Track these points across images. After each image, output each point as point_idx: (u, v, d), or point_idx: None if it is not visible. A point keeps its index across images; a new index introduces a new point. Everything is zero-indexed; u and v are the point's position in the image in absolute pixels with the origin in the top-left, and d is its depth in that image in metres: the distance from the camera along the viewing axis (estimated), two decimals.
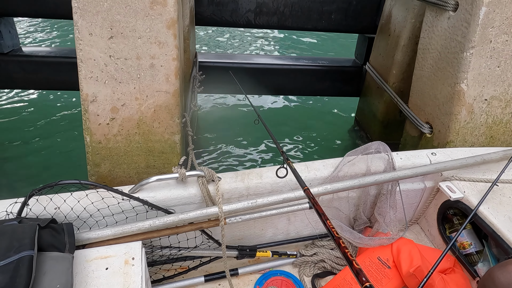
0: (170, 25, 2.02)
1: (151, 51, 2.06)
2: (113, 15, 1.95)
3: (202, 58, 4.01)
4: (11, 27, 3.73)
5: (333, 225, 1.87)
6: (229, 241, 1.95)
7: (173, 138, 2.31)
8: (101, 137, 2.20)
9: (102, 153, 2.25)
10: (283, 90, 4.50)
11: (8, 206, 1.46)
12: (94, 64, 2.03)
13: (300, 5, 3.72)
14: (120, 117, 2.18)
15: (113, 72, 2.06)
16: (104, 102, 2.13)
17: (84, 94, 2.09)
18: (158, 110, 2.20)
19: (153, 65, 2.09)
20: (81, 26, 1.95)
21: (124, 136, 2.23)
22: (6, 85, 4.07)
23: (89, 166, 2.29)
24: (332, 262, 2.00)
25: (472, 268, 1.82)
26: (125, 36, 2.01)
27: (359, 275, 0.83)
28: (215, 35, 7.96)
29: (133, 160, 2.32)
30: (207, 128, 4.22)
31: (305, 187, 1.31)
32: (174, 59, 2.10)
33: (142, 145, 2.29)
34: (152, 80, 2.13)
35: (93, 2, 1.92)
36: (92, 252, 1.40)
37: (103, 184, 1.54)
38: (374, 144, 1.98)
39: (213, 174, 1.74)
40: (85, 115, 2.15)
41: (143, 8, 1.96)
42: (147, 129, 2.25)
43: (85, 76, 2.05)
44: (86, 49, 2.00)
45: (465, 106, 2.44)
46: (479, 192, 1.87)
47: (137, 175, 2.37)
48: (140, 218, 1.63)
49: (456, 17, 2.40)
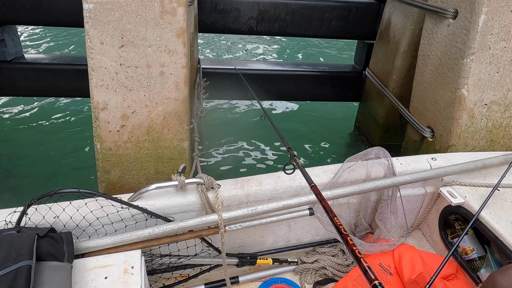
0: (179, 34, 2.05)
1: (161, 59, 2.09)
2: (124, 24, 1.99)
3: (204, 64, 4.03)
4: (14, 35, 3.77)
5: (334, 231, 1.87)
6: (229, 249, 1.94)
7: (182, 145, 2.33)
8: (111, 144, 2.23)
9: (112, 160, 2.27)
10: (284, 96, 4.53)
11: (7, 215, 1.46)
12: (105, 72, 2.06)
13: (301, 12, 3.77)
14: (130, 124, 2.21)
15: (124, 80, 2.10)
16: (115, 110, 2.16)
17: (95, 102, 2.12)
18: (167, 117, 2.23)
19: (163, 73, 2.12)
20: (93, 35, 1.98)
21: (134, 143, 2.26)
22: (10, 93, 4.11)
23: (99, 173, 2.31)
24: (334, 269, 1.98)
25: (474, 274, 1.80)
26: (135, 45, 2.04)
27: (367, 273, 0.82)
28: (212, 41, 8.02)
29: (143, 166, 2.34)
30: (210, 132, 4.23)
31: (312, 183, 1.29)
32: (184, 67, 2.13)
33: (151, 152, 2.31)
34: (162, 88, 2.16)
35: (104, 12, 1.95)
36: (91, 261, 1.39)
37: (102, 193, 1.55)
38: (374, 150, 1.98)
39: (212, 181, 1.74)
40: (95, 123, 2.18)
41: (153, 17, 2.00)
42: (156, 135, 2.27)
43: (96, 84, 2.08)
44: (97, 58, 2.03)
45: (466, 111, 2.47)
46: (480, 197, 1.86)
47: (147, 181, 2.39)
48: (139, 226, 1.63)
49: (456, 25, 2.45)
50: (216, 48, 7.75)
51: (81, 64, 3.80)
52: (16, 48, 3.77)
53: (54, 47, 7.09)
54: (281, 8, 3.73)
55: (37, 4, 3.36)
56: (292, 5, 3.73)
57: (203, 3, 3.60)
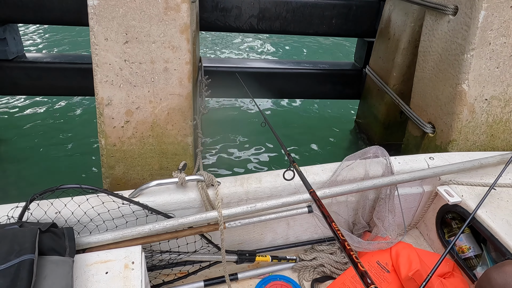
0: (183, 30, 2.06)
1: (165, 55, 2.10)
2: (128, 20, 2.00)
3: (205, 63, 4.05)
4: (16, 34, 3.78)
5: None
6: (229, 246, 1.96)
7: (186, 140, 2.35)
8: (115, 140, 2.24)
9: (117, 155, 2.29)
10: (285, 94, 4.54)
11: (9, 210, 1.48)
12: (109, 68, 2.08)
13: (302, 11, 3.78)
14: (135, 120, 2.22)
15: (128, 76, 2.11)
16: (119, 106, 2.17)
17: (100, 98, 2.13)
18: (171, 112, 2.25)
19: (167, 69, 2.13)
20: (97, 31, 1.99)
21: (138, 139, 2.28)
22: (12, 92, 4.13)
23: (103, 169, 2.33)
24: (332, 267, 2.00)
25: (471, 272, 1.82)
26: (139, 41, 2.05)
27: (364, 278, 0.83)
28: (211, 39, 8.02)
29: (147, 162, 2.36)
30: (211, 130, 4.25)
31: (311, 189, 1.31)
32: (187, 63, 2.14)
33: (155, 147, 2.33)
34: (166, 84, 2.17)
35: (109, 8, 1.96)
36: (92, 256, 1.42)
37: (103, 189, 1.57)
38: (372, 149, 1.99)
39: (212, 179, 1.76)
40: (100, 118, 2.19)
41: (158, 13, 2.01)
42: (160, 131, 2.29)
43: (101, 80, 2.09)
44: (101, 54, 2.04)
45: (466, 106, 2.50)
46: (477, 196, 1.87)
47: (151, 176, 2.40)
48: (140, 222, 1.65)
49: (456, 21, 2.46)
50: (215, 46, 7.75)
51: (82, 62, 3.82)
52: (17, 47, 3.79)
53: (54, 46, 7.10)
54: (282, 6, 3.74)
55: (39, 2, 3.37)
56: (293, 3, 3.74)
57: (204, 2, 3.61)
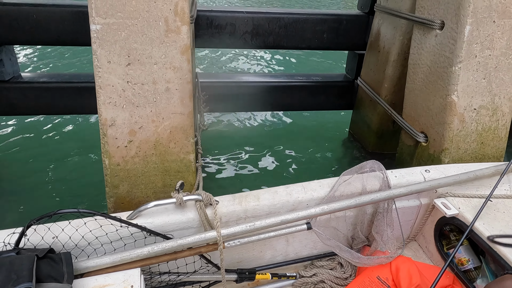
0: (184, 51, 2.10)
1: (166, 76, 2.14)
2: (130, 43, 2.04)
3: (201, 78, 4.09)
4: (12, 55, 3.79)
5: (332, 245, 1.88)
6: (228, 265, 1.94)
7: (188, 157, 2.37)
8: (119, 160, 2.26)
9: (121, 174, 2.30)
10: (279, 106, 4.59)
11: (6, 237, 1.46)
12: (112, 90, 2.10)
13: (294, 26, 3.87)
14: (138, 139, 2.24)
15: (131, 96, 2.14)
16: (122, 126, 2.19)
17: (103, 119, 2.15)
18: (173, 131, 2.27)
19: (168, 89, 2.17)
20: (100, 54, 2.02)
21: (141, 158, 2.30)
22: (9, 112, 4.09)
23: (107, 188, 2.33)
24: (332, 283, 1.99)
25: (471, 285, 1.82)
26: (142, 63, 2.09)
27: None
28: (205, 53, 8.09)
29: (150, 180, 2.37)
30: (209, 145, 4.26)
31: None
32: (188, 82, 2.18)
33: (158, 165, 2.35)
34: (168, 103, 2.20)
35: (111, 32, 2.00)
36: (90, 281, 1.40)
37: (101, 212, 1.56)
38: (368, 163, 2.01)
39: (210, 198, 1.76)
40: (103, 139, 2.21)
41: (159, 36, 2.05)
42: (163, 149, 2.31)
43: (104, 102, 2.12)
44: (105, 76, 2.07)
45: (457, 116, 2.58)
46: (474, 208, 1.89)
47: (154, 194, 2.42)
48: (138, 244, 1.63)
49: (443, 35, 2.55)
50: (210, 61, 7.82)
51: (79, 81, 3.83)
52: (13, 68, 3.79)
53: (50, 66, 7.10)
54: (275, 22, 3.82)
55: (36, 24, 3.39)
56: (285, 19, 3.82)
57: (199, 19, 3.67)
